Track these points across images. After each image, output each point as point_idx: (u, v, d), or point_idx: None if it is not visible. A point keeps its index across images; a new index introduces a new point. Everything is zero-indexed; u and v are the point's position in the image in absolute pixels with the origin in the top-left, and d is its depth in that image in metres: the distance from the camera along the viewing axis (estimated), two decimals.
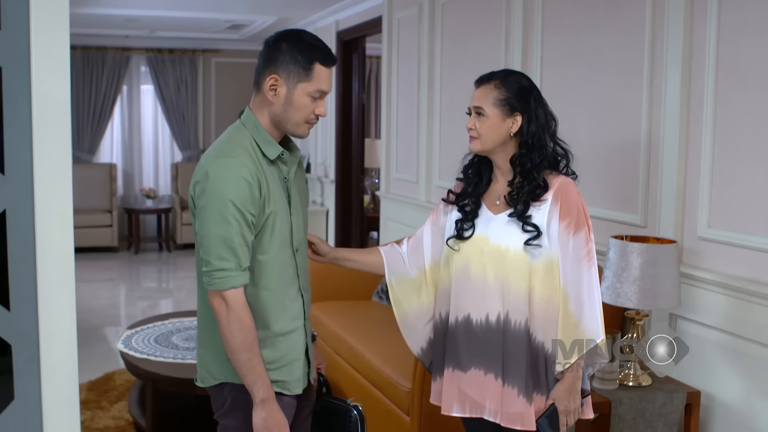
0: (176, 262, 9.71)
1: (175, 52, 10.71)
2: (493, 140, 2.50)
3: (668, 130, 3.56)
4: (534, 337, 2.45)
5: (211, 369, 2.44)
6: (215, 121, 11.08)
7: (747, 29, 3.18)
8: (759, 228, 3.15)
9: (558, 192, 2.45)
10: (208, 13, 8.43)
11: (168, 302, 7.90)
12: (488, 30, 5.10)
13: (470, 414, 2.55)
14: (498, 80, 2.52)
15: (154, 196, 10.38)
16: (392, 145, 6.76)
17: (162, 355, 3.93)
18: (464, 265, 2.53)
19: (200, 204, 2.26)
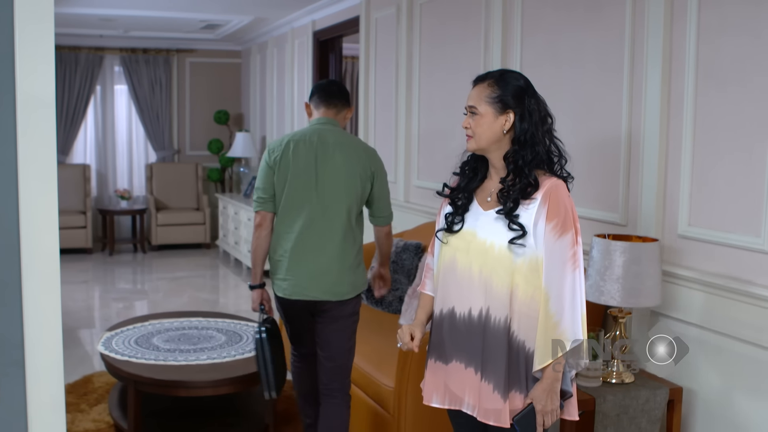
0: (151, 264, 9.64)
1: (149, 52, 10.63)
2: (488, 138, 2.52)
3: (648, 129, 3.59)
4: (515, 335, 2.47)
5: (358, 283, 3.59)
6: (190, 121, 11.02)
7: (726, 28, 3.22)
8: (739, 226, 3.19)
9: (548, 193, 2.46)
10: (183, 13, 8.38)
11: (143, 304, 7.84)
12: (467, 30, 5.11)
13: (449, 406, 2.59)
14: (492, 79, 2.55)
15: (128, 197, 10.30)
16: (370, 144, 6.75)
17: (143, 356, 3.90)
18: (452, 258, 2.56)
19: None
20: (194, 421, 4.05)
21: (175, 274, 8.97)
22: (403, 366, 3.51)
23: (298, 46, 8.67)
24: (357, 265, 3.58)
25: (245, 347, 4.08)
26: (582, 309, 2.45)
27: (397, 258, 5.01)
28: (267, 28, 9.37)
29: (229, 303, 7.87)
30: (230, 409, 4.19)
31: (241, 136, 9.86)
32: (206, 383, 3.68)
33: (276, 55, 9.50)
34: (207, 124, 11.02)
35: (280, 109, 9.39)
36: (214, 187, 11.09)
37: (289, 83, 9.00)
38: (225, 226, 9.82)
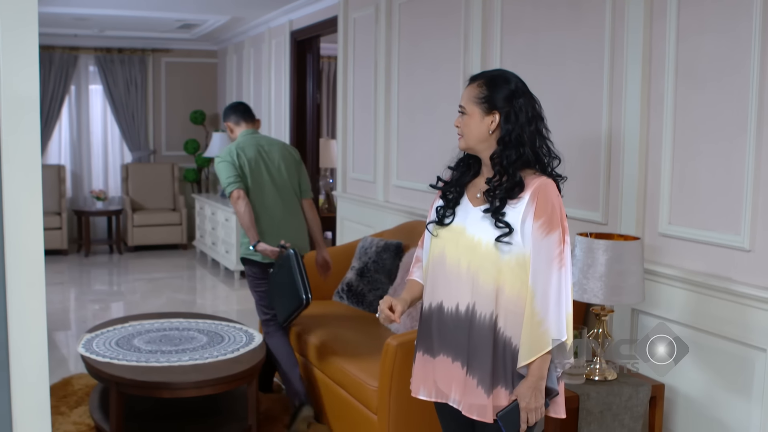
0: (127, 265, 9.57)
1: (124, 52, 10.56)
2: (475, 138, 2.55)
3: (628, 128, 3.62)
4: (501, 332, 2.48)
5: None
6: (165, 121, 10.96)
7: (705, 29, 3.25)
8: (718, 224, 3.23)
9: (536, 192, 2.48)
10: (159, 13, 8.33)
11: (119, 305, 7.78)
12: (447, 29, 5.13)
13: (436, 399, 2.61)
14: (483, 79, 2.57)
15: (104, 198, 10.22)
16: (348, 144, 6.76)
17: (125, 358, 3.87)
18: (441, 251, 2.58)
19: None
20: (177, 423, 4.03)
21: (152, 275, 8.91)
22: (387, 365, 3.52)
23: (275, 45, 8.65)
24: (305, 229, 4.79)
25: (227, 348, 4.07)
26: (567, 308, 2.46)
27: (377, 258, 5.02)
28: (243, 27, 9.34)
29: (207, 304, 7.83)
30: (213, 410, 4.17)
31: (218, 136, 9.81)
32: (189, 384, 3.66)
33: (253, 55, 9.47)
34: (183, 125, 10.97)
35: (257, 109, 9.35)
36: (191, 187, 11.04)
37: (266, 83, 8.98)
38: (202, 227, 9.77)
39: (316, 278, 4.95)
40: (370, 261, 5.04)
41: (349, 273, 5.18)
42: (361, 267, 5.08)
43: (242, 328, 4.47)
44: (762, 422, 3.03)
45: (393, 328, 4.26)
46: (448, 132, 5.18)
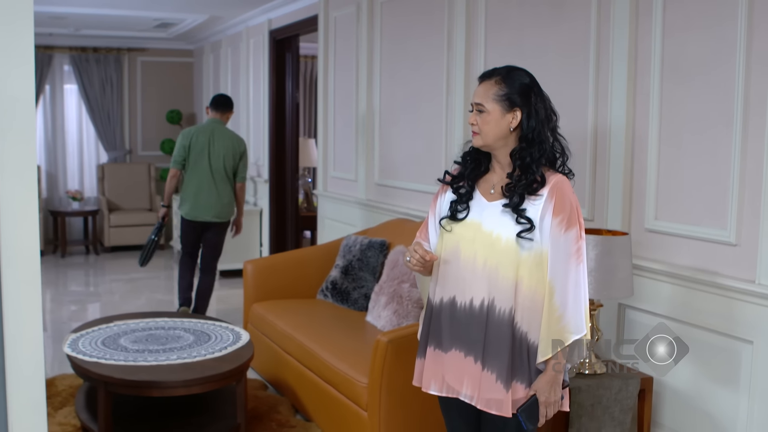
0: (104, 266, 9.50)
1: (99, 51, 10.47)
2: (494, 135, 2.54)
3: (614, 125, 3.66)
4: (518, 327, 2.49)
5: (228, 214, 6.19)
6: (141, 121, 10.89)
7: (691, 26, 3.30)
8: (703, 219, 3.28)
9: (554, 189, 2.50)
10: (136, 11, 8.28)
11: (96, 306, 7.72)
12: (430, 28, 5.15)
13: (447, 394, 2.60)
14: (499, 76, 2.55)
15: (80, 198, 10.14)
16: (329, 143, 6.77)
17: (112, 357, 3.85)
18: (455, 247, 2.58)
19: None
20: (165, 422, 4.02)
21: (129, 276, 8.85)
22: (378, 361, 3.53)
23: (254, 45, 8.63)
24: (228, 204, 6.19)
25: (215, 346, 4.06)
26: (585, 303, 2.49)
27: (362, 255, 5.03)
28: (221, 27, 9.30)
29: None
30: (200, 409, 4.16)
31: None
32: (178, 383, 3.65)
33: (230, 55, 9.44)
34: (159, 124, 10.90)
35: (235, 108, 9.32)
36: None
37: (245, 82, 8.95)
38: (179, 227, 9.71)
39: (298, 275, 5.22)
40: (355, 259, 5.05)
41: (333, 271, 5.18)
42: (345, 265, 5.09)
43: (228, 326, 4.46)
44: (749, 413, 3.08)
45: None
46: (430, 130, 5.21)
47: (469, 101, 4.71)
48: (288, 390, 4.59)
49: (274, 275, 5.30)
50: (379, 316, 4.50)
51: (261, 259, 5.46)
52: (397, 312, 4.38)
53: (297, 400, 4.46)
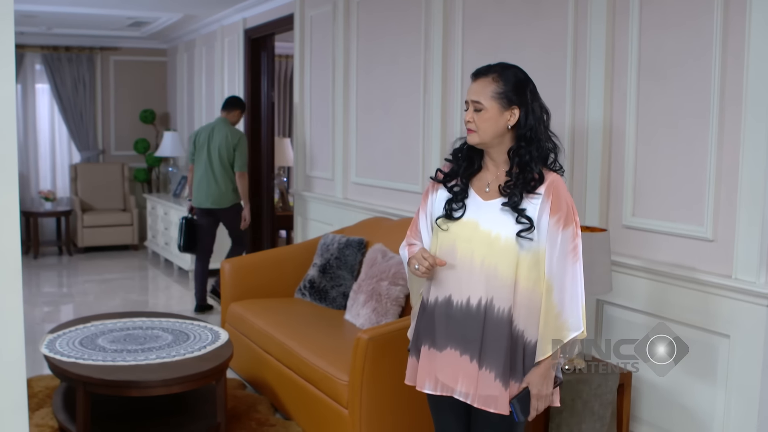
0: (77, 266, 9.41)
1: (71, 50, 10.37)
2: (492, 133, 2.54)
3: (592, 122, 3.70)
4: (516, 326, 2.51)
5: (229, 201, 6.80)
6: (114, 120, 10.80)
7: (667, 23, 3.34)
8: (680, 215, 3.32)
9: (550, 188, 2.52)
10: (110, 10, 8.20)
11: (69, 308, 7.64)
12: (406, 25, 5.16)
13: (441, 392, 2.59)
14: (496, 73, 2.55)
15: (53, 199, 10.04)
16: (306, 142, 6.76)
17: (91, 357, 3.82)
18: (451, 246, 2.57)
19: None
20: (143, 423, 3.99)
21: (103, 277, 8.78)
22: (359, 359, 3.53)
23: (228, 44, 8.60)
24: (227, 192, 6.76)
25: (194, 346, 4.04)
26: (583, 301, 2.51)
27: (340, 254, 5.03)
28: (195, 26, 9.26)
29: (160, 304, 7.74)
30: (179, 408, 4.14)
31: (170, 135, 9.73)
32: (158, 382, 3.63)
33: (205, 54, 9.39)
34: (132, 124, 10.83)
35: (210, 107, 9.29)
36: (141, 187, 10.90)
37: (219, 82, 8.91)
38: (154, 227, 9.66)
39: (276, 275, 5.25)
40: (333, 257, 5.05)
41: (311, 270, 5.18)
42: (323, 263, 5.09)
43: (207, 326, 4.45)
44: (726, 406, 3.12)
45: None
46: (408, 128, 5.23)
47: (447, 99, 4.75)
48: (267, 389, 4.58)
49: (251, 274, 5.29)
50: (358, 314, 4.50)
51: (238, 259, 5.45)
52: (376, 310, 4.38)
53: (276, 399, 4.46)
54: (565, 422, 3.22)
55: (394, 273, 4.42)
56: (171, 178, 10.26)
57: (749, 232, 3.02)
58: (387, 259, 4.57)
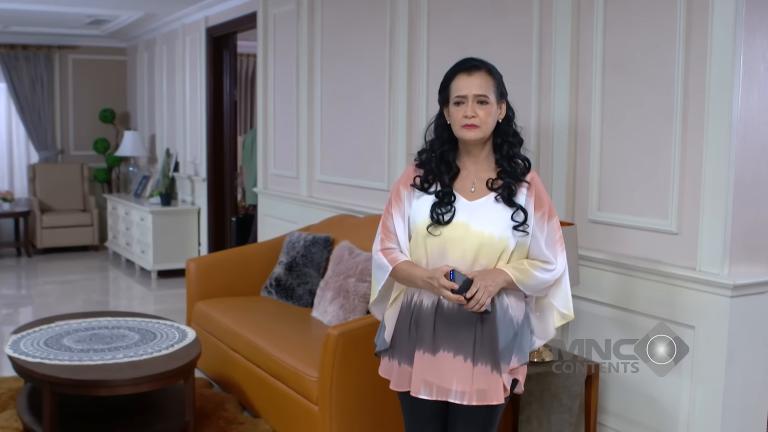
0: (36, 268, 9.28)
1: (29, 48, 10.23)
2: (491, 128, 2.58)
3: (557, 117, 3.74)
4: (509, 315, 2.55)
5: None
6: (73, 120, 10.67)
7: (631, 21, 3.39)
8: (645, 209, 3.37)
9: (532, 183, 2.59)
10: (69, 8, 8.09)
11: (29, 310, 7.53)
12: (372, 22, 5.18)
13: (436, 397, 2.55)
14: (487, 68, 2.59)
15: (11, 199, 9.89)
16: (269, 141, 6.74)
17: (57, 358, 3.78)
18: (441, 250, 2.55)
19: None
20: (111, 423, 3.96)
21: (64, 278, 8.67)
22: (329, 355, 3.54)
23: (190, 42, 8.54)
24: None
25: (161, 344, 4.02)
26: (569, 287, 2.63)
27: (306, 252, 5.03)
28: (156, 24, 9.18)
29: (122, 305, 7.66)
30: (146, 409, 4.11)
31: (130, 135, 9.63)
32: (127, 381, 3.60)
33: (166, 53, 9.32)
34: (92, 123, 10.70)
35: (171, 107, 9.23)
36: (101, 187, 10.78)
37: (180, 81, 8.85)
38: (115, 227, 9.57)
39: (241, 273, 5.28)
40: (299, 255, 5.05)
41: (277, 268, 5.17)
42: (289, 261, 5.08)
43: (173, 324, 4.42)
44: (691, 396, 3.18)
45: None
46: (373, 126, 5.24)
47: (412, 96, 4.77)
48: (234, 387, 4.56)
49: (217, 273, 5.26)
50: (326, 312, 4.51)
51: (203, 257, 5.42)
52: (344, 307, 4.39)
53: (244, 397, 4.44)
54: (534, 414, 3.25)
55: (362, 270, 4.43)
56: (132, 178, 10.16)
57: (712, 225, 3.08)
58: (354, 256, 4.58)
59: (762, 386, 3.18)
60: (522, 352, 2.57)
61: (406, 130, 4.84)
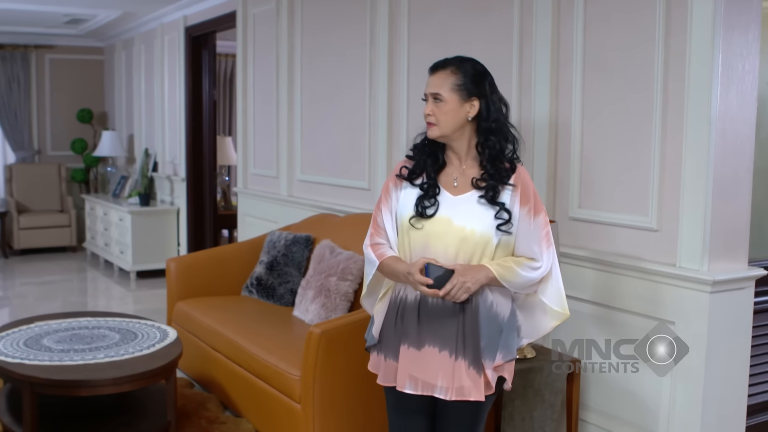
0: (13, 269, 9.20)
1: (5, 48, 10.13)
2: (452, 125, 2.56)
3: (538, 115, 3.76)
4: (495, 311, 2.55)
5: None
6: (50, 120, 10.58)
7: (611, 18, 3.42)
8: (625, 206, 3.40)
9: (518, 179, 2.57)
10: (46, 6, 8.02)
11: (6, 311, 7.46)
12: (352, 21, 5.18)
13: (422, 392, 2.56)
14: (454, 66, 2.58)
15: None
16: (249, 140, 6.73)
17: (37, 358, 3.75)
18: (424, 243, 2.56)
19: None
20: (92, 424, 3.93)
21: (42, 279, 8.61)
22: (311, 353, 3.54)
23: (168, 42, 8.50)
24: None
25: (142, 344, 4.00)
26: (560, 281, 2.61)
27: (287, 251, 5.02)
28: (134, 23, 9.13)
29: (101, 305, 7.61)
30: (127, 409, 4.09)
31: (108, 134, 9.57)
32: (108, 381, 3.57)
33: (144, 52, 9.27)
34: (69, 123, 10.62)
35: (150, 106, 9.18)
36: (79, 188, 10.71)
37: (159, 80, 8.81)
38: (93, 228, 9.50)
39: (222, 272, 5.23)
40: (280, 254, 5.04)
41: (257, 267, 5.16)
42: (270, 261, 5.07)
43: (154, 324, 4.40)
44: (671, 392, 3.21)
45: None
46: (353, 125, 5.24)
47: (393, 95, 4.78)
48: (216, 387, 4.55)
49: (197, 273, 5.24)
50: (307, 310, 4.50)
51: (184, 257, 5.40)
52: (326, 305, 4.39)
53: (226, 397, 4.43)
54: (517, 410, 3.27)
55: (343, 269, 4.43)
56: (110, 178, 10.10)
57: (692, 221, 3.11)
58: (335, 255, 4.58)
59: (741, 380, 3.22)
60: (507, 349, 2.56)
61: (387, 129, 4.85)
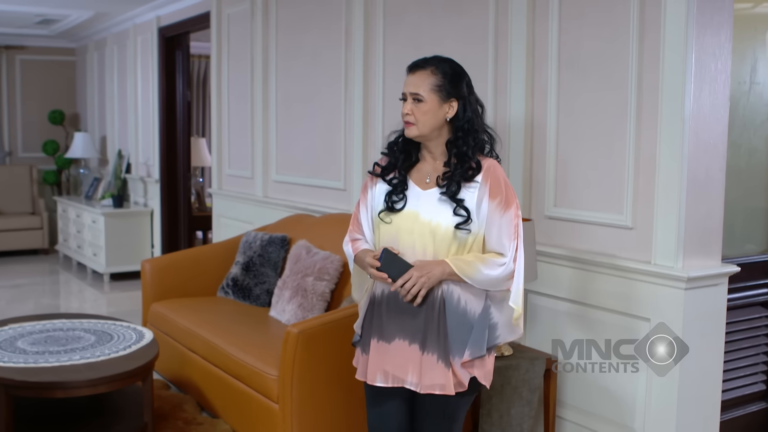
0: None
1: None
2: (431, 126, 2.58)
3: (514, 115, 3.78)
4: (464, 306, 2.55)
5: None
6: (21, 121, 10.48)
7: (586, 18, 3.45)
8: (602, 205, 3.43)
9: (487, 173, 2.58)
10: (16, 6, 7.93)
11: None
12: (327, 21, 5.18)
13: (392, 384, 2.59)
14: (433, 66, 2.59)
15: None
16: (224, 141, 6.71)
17: (11, 360, 3.71)
18: (393, 238, 2.59)
19: None
20: (68, 425, 3.90)
21: (14, 282, 8.51)
22: (289, 353, 3.53)
23: (141, 42, 8.45)
24: None
25: (118, 345, 3.97)
26: (521, 280, 2.59)
27: (263, 251, 5.01)
28: (106, 24, 9.06)
29: (74, 308, 7.55)
30: (103, 411, 4.06)
31: (80, 136, 9.49)
32: (84, 383, 3.54)
33: (116, 53, 9.21)
34: (41, 125, 10.52)
35: (122, 108, 9.12)
36: (51, 190, 10.61)
37: (132, 82, 8.75)
38: (65, 230, 9.42)
39: (197, 273, 5.22)
40: (256, 255, 5.03)
41: (233, 268, 5.14)
42: (246, 261, 5.06)
43: (130, 326, 4.37)
44: (647, 388, 3.24)
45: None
46: (329, 125, 5.25)
47: (368, 95, 4.79)
48: (192, 388, 4.53)
49: (172, 274, 5.22)
50: (284, 311, 4.50)
51: (159, 258, 5.37)
52: (302, 305, 4.38)
53: (202, 398, 4.41)
54: (495, 407, 3.29)
55: (319, 269, 4.43)
56: (82, 180, 10.00)
57: (666, 219, 3.15)
58: (311, 255, 4.57)
59: (715, 376, 3.26)
60: (477, 346, 2.55)
61: (362, 129, 4.86)
